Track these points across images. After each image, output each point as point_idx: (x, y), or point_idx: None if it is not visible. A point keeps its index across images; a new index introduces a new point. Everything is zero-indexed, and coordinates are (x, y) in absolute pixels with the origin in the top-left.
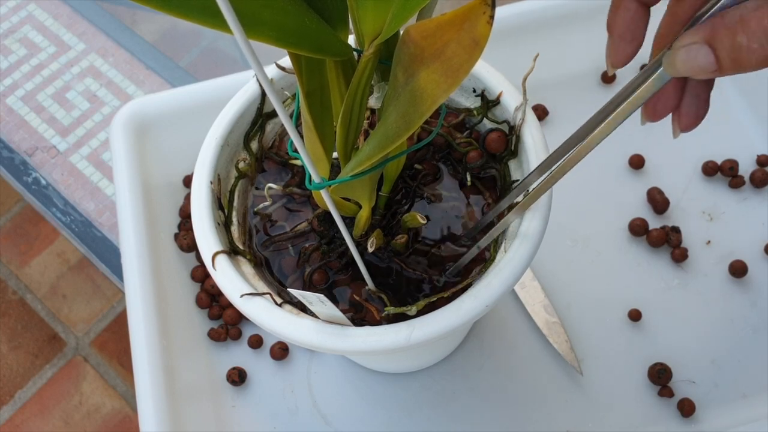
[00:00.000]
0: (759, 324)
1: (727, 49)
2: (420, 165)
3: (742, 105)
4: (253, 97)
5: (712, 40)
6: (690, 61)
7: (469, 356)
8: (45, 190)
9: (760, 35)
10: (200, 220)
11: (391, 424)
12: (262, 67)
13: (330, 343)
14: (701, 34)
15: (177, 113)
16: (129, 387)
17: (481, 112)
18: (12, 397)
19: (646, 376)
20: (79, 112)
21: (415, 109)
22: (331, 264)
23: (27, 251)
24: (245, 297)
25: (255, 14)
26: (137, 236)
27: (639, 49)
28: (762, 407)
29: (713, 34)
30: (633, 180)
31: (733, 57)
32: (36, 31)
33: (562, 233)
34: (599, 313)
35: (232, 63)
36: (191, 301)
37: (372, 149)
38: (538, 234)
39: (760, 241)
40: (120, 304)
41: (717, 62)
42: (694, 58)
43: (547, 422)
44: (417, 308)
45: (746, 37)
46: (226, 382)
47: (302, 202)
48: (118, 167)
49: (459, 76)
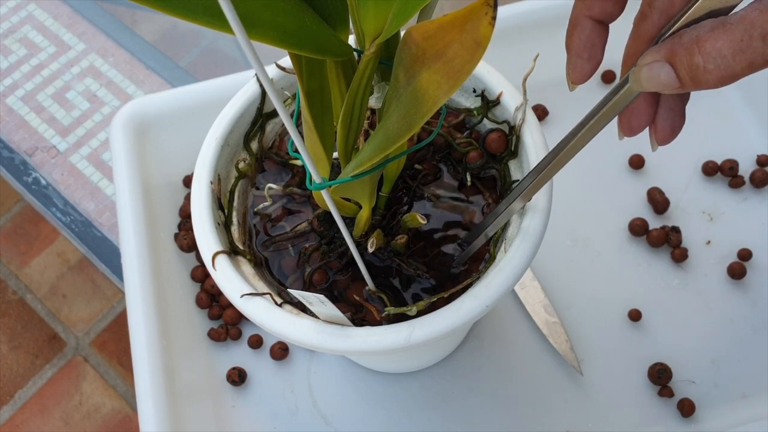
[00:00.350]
0: (759, 324)
1: (686, 68)
2: (420, 165)
3: (742, 105)
4: (253, 97)
5: (672, 59)
6: (653, 78)
7: (469, 356)
8: (45, 190)
9: (714, 56)
10: (200, 220)
11: (391, 424)
12: (263, 67)
13: (330, 343)
14: (662, 52)
15: (177, 113)
16: (129, 387)
17: (481, 112)
18: (12, 397)
19: (646, 376)
20: (79, 112)
21: (417, 109)
22: (331, 264)
23: (27, 251)
24: (245, 297)
25: (256, 15)
26: (137, 236)
27: (598, 66)
28: (762, 407)
29: (672, 53)
30: (633, 180)
31: (691, 76)
32: (36, 31)
33: (562, 233)
34: (599, 313)
35: (232, 63)
36: (191, 301)
37: (373, 150)
38: (538, 234)
39: (761, 241)
40: (120, 304)
41: (678, 79)
42: (657, 75)
43: (547, 422)
44: (417, 308)
45: (701, 58)
46: (226, 382)
47: (302, 202)
48: (118, 167)
49: (461, 77)
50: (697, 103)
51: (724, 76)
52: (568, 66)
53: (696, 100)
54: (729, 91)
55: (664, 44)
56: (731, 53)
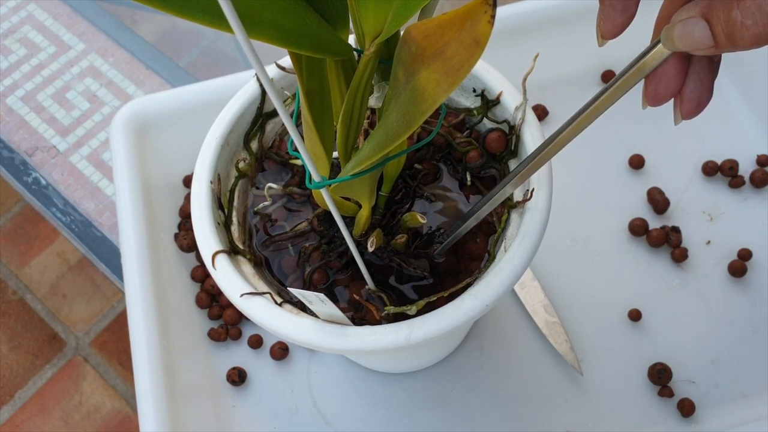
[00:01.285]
0: (759, 324)
1: (722, 24)
2: (420, 165)
3: (742, 105)
4: (253, 97)
5: (709, 14)
6: (687, 35)
7: (469, 356)
8: (45, 190)
9: (753, 11)
10: (200, 220)
11: (391, 424)
12: (263, 67)
13: (330, 342)
14: (698, 8)
15: (177, 113)
16: (129, 387)
17: (481, 111)
18: (12, 397)
19: (646, 376)
20: (79, 112)
21: (416, 108)
22: (331, 263)
23: (27, 251)
24: (245, 297)
25: (255, 14)
26: (137, 236)
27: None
28: (762, 407)
29: (710, 8)
30: (633, 180)
31: (727, 32)
32: (36, 31)
33: (562, 233)
34: (599, 313)
35: (232, 63)
36: (191, 301)
37: (372, 149)
38: (538, 233)
39: (761, 241)
40: (120, 304)
41: (713, 37)
42: (691, 32)
43: (547, 422)
44: (417, 308)
45: (740, 12)
46: (226, 382)
47: (302, 202)
48: (118, 167)
49: (459, 75)
50: None
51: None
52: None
53: None
54: (729, 91)
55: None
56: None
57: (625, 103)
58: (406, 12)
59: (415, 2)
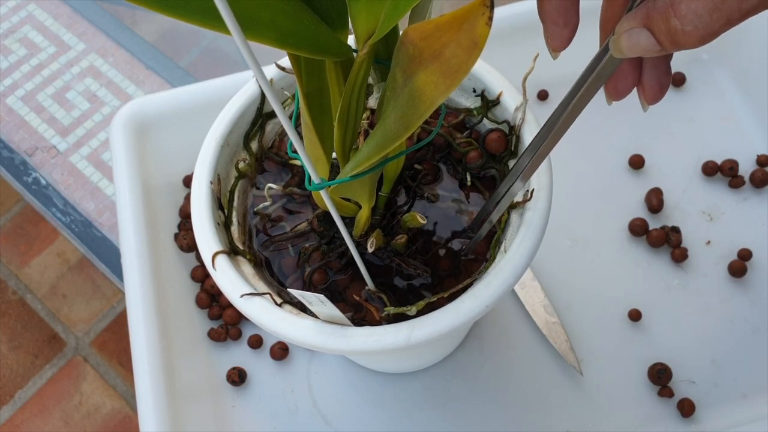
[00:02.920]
0: (759, 324)
1: (664, 33)
2: (420, 165)
3: (742, 105)
4: (253, 97)
5: (649, 24)
6: (633, 45)
7: (469, 356)
8: (45, 190)
9: (691, 18)
10: (200, 220)
11: (391, 424)
12: (261, 69)
13: (330, 343)
14: (638, 18)
15: (177, 113)
16: (129, 387)
17: (481, 112)
18: (12, 397)
19: (646, 376)
20: (79, 112)
21: (414, 110)
22: (331, 264)
23: (27, 251)
24: (245, 297)
25: (253, 15)
26: (137, 236)
27: (575, 30)
28: (762, 407)
29: (649, 18)
30: (633, 180)
31: (670, 39)
32: (36, 31)
33: (562, 233)
34: (599, 313)
35: (232, 63)
36: (191, 301)
37: (371, 150)
38: (538, 233)
39: (761, 241)
40: (120, 304)
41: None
42: (637, 42)
43: (547, 422)
44: (417, 308)
45: (678, 21)
46: (226, 382)
47: (302, 202)
48: (118, 167)
49: (457, 77)
50: (697, 102)
51: (704, 35)
52: (546, 34)
53: (696, 100)
54: (729, 91)
55: (639, 10)
56: (708, 12)
57: (625, 103)
58: (397, 12)
59: (405, 3)
